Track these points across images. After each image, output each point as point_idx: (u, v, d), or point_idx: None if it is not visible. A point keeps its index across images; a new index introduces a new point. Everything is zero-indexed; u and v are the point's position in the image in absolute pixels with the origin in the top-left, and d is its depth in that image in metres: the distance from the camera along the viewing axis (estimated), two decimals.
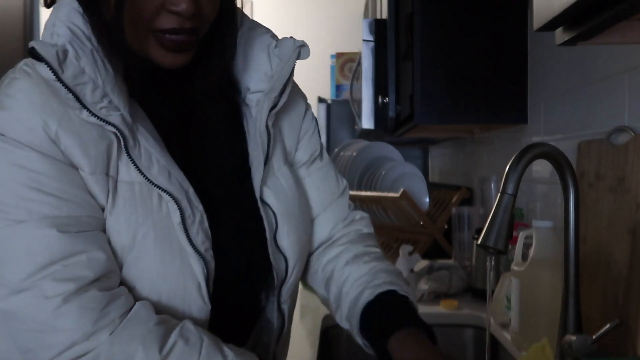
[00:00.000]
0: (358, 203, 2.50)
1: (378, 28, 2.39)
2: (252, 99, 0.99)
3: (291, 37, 0.98)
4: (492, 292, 1.57)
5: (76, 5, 0.86)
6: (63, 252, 0.83)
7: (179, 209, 0.88)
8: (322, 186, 1.10)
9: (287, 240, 0.99)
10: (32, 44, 0.81)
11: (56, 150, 0.84)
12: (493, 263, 1.69)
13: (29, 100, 0.84)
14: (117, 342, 0.82)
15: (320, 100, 3.86)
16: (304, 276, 1.12)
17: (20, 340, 0.84)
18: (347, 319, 1.02)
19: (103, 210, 0.87)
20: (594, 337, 1.01)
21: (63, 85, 0.82)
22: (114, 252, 0.87)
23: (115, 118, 0.85)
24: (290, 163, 1.06)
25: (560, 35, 0.86)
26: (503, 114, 1.89)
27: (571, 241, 1.04)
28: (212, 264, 0.91)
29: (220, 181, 0.97)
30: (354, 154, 2.60)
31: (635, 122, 1.21)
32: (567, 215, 1.04)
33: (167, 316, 0.87)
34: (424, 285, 1.83)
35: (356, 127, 3.08)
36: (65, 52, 0.82)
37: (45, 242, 0.83)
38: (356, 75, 2.70)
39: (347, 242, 1.09)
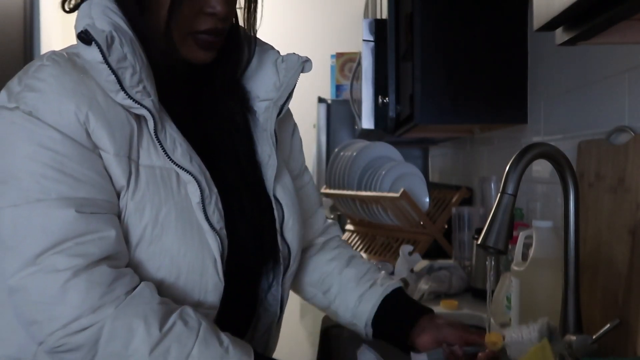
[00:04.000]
0: (358, 203, 2.50)
1: (378, 28, 2.39)
2: (260, 106, 1.09)
3: (295, 53, 1.09)
4: (492, 292, 1.56)
5: (108, 3, 0.93)
6: (77, 230, 0.87)
7: (199, 188, 0.95)
8: (308, 196, 1.24)
9: (291, 232, 1.09)
10: (85, 27, 0.88)
11: (82, 134, 0.89)
12: (493, 263, 1.69)
13: (60, 85, 0.89)
14: (121, 317, 0.86)
15: (320, 100, 3.84)
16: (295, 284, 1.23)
17: (26, 312, 0.87)
18: (353, 313, 1.17)
19: (120, 192, 0.92)
20: (594, 337, 1.01)
21: (109, 67, 0.88)
22: (137, 229, 0.92)
23: (148, 102, 0.92)
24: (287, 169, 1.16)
25: (560, 35, 0.86)
26: (503, 114, 1.89)
27: (571, 241, 1.04)
28: (226, 242, 0.97)
29: (235, 169, 1.06)
30: (354, 154, 2.59)
31: (635, 122, 1.21)
32: (567, 215, 1.04)
33: (168, 299, 0.92)
34: (424, 285, 1.82)
35: (356, 127, 3.07)
36: (112, 38, 0.89)
37: (61, 221, 0.87)
38: (356, 75, 2.70)
39: (337, 246, 1.25)
